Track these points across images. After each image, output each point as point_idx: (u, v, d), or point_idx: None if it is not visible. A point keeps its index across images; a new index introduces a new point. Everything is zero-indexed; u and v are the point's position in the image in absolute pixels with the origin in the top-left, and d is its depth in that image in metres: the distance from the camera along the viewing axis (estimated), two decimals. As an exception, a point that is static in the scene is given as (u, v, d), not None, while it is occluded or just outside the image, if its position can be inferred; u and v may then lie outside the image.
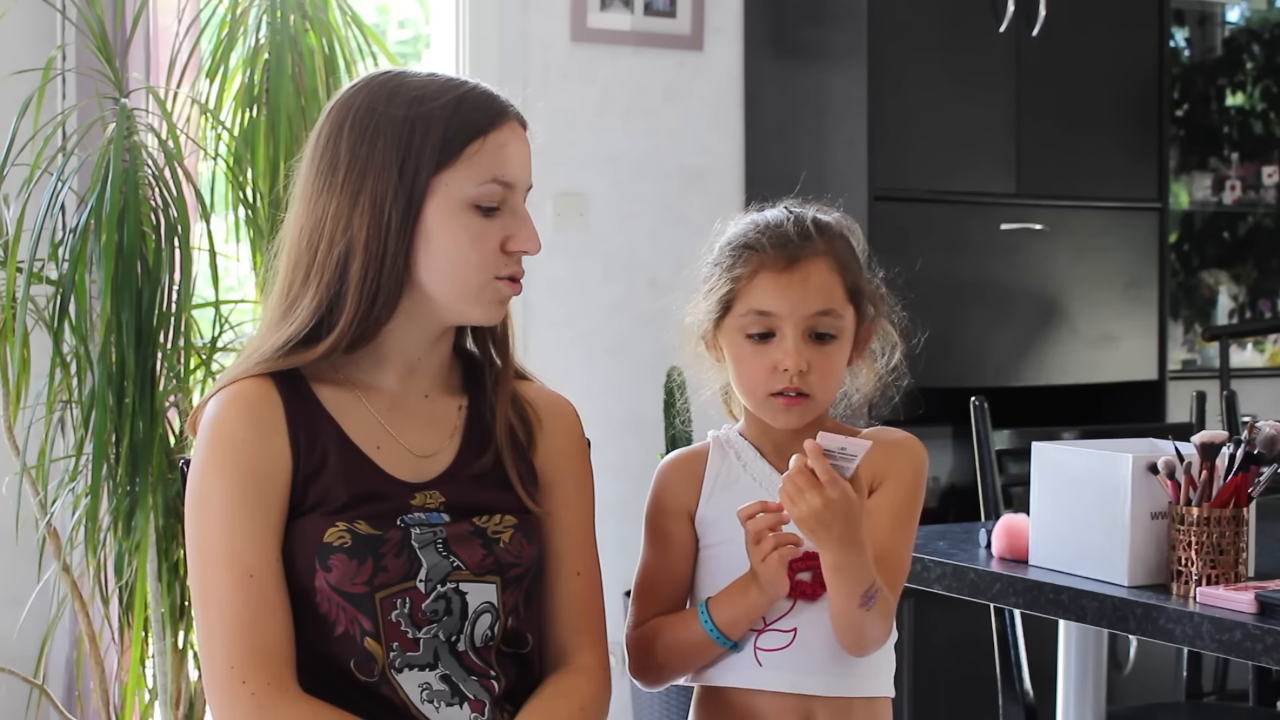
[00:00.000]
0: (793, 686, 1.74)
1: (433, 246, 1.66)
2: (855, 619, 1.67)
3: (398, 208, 1.65)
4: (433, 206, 1.66)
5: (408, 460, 1.71)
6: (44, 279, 2.86)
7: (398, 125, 1.66)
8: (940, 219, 3.93)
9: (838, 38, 3.94)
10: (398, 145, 1.65)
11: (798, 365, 1.74)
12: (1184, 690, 3.17)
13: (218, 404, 1.68)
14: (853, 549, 1.63)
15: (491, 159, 1.67)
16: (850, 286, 1.78)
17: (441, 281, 1.67)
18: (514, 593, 1.70)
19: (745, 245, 1.81)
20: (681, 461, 1.86)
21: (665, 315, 3.94)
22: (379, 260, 1.65)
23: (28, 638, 3.19)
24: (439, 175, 1.66)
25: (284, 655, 1.62)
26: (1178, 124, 5.21)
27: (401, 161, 1.65)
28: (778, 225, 1.80)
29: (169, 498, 2.85)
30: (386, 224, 1.65)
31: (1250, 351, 5.21)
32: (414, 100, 1.67)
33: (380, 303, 1.66)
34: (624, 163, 4.15)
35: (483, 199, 1.67)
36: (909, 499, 1.77)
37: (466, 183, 1.66)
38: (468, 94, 1.69)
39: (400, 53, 4.29)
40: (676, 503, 1.84)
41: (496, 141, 1.68)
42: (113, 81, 2.98)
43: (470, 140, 1.66)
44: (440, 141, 1.65)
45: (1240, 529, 2.01)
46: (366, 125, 1.67)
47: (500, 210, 1.68)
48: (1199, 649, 1.94)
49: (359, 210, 1.65)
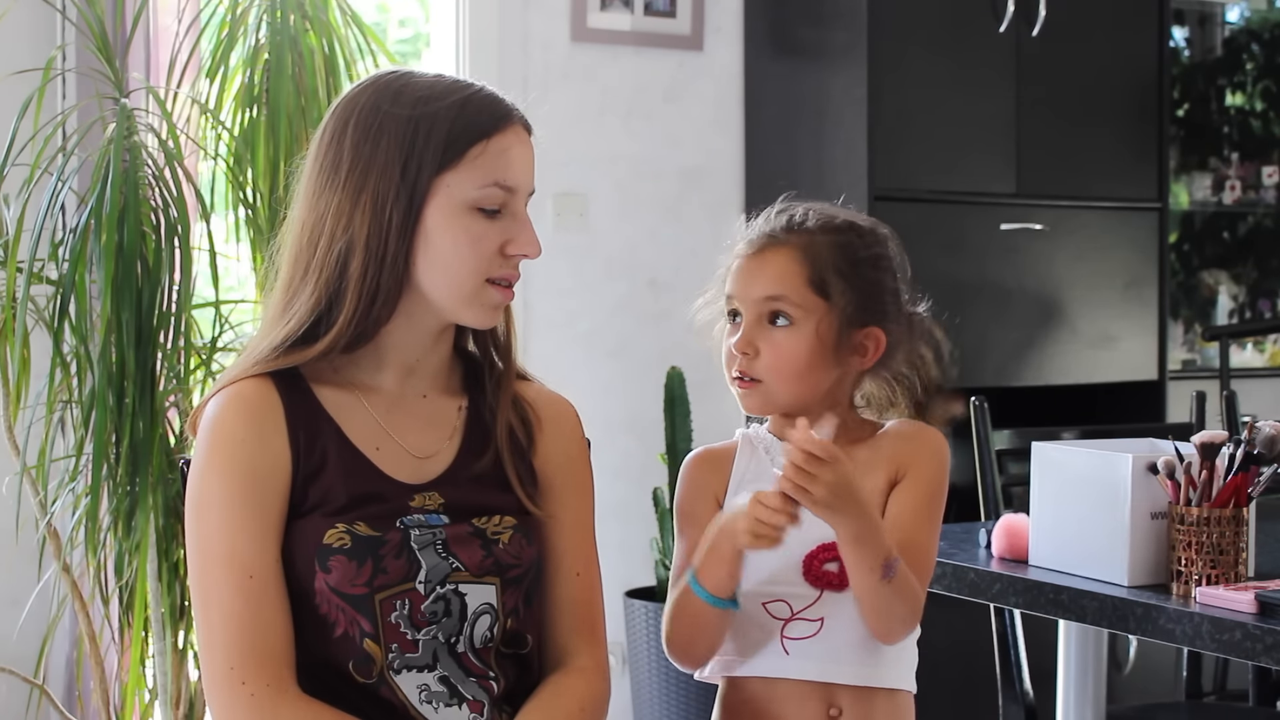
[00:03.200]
0: (819, 675, 1.75)
1: (432, 247, 1.66)
2: (881, 595, 1.68)
3: (399, 207, 1.65)
4: (434, 207, 1.66)
5: (407, 461, 1.71)
6: (44, 279, 2.86)
7: (401, 125, 1.66)
8: (940, 219, 3.94)
9: (838, 38, 3.93)
10: (401, 145, 1.65)
11: (741, 347, 1.78)
12: (1184, 690, 3.17)
13: (218, 404, 1.68)
14: (866, 515, 1.65)
15: (494, 162, 1.67)
16: (815, 278, 1.78)
17: (438, 282, 1.67)
18: (513, 594, 1.70)
19: (739, 238, 1.86)
20: (709, 456, 1.88)
21: (666, 315, 3.97)
22: (379, 259, 1.65)
23: (28, 638, 3.19)
24: (441, 176, 1.66)
25: (283, 656, 1.62)
26: (1178, 124, 5.21)
27: (404, 161, 1.65)
28: (765, 218, 1.85)
29: (169, 498, 2.85)
30: (387, 223, 1.65)
31: (1250, 351, 5.21)
32: (419, 100, 1.67)
33: (380, 302, 1.66)
34: (624, 163, 4.15)
35: (484, 201, 1.67)
36: (932, 490, 1.78)
37: (468, 185, 1.66)
38: (473, 96, 1.69)
39: (400, 52, 4.29)
40: (705, 494, 1.84)
41: (500, 145, 1.68)
42: (113, 81, 2.98)
43: (474, 142, 1.66)
44: (444, 142, 1.66)
45: (1240, 529, 2.01)
46: (371, 124, 1.67)
47: (501, 214, 1.68)
48: (1199, 649, 1.94)
49: (360, 208, 1.65)
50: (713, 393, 4.17)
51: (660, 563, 3.90)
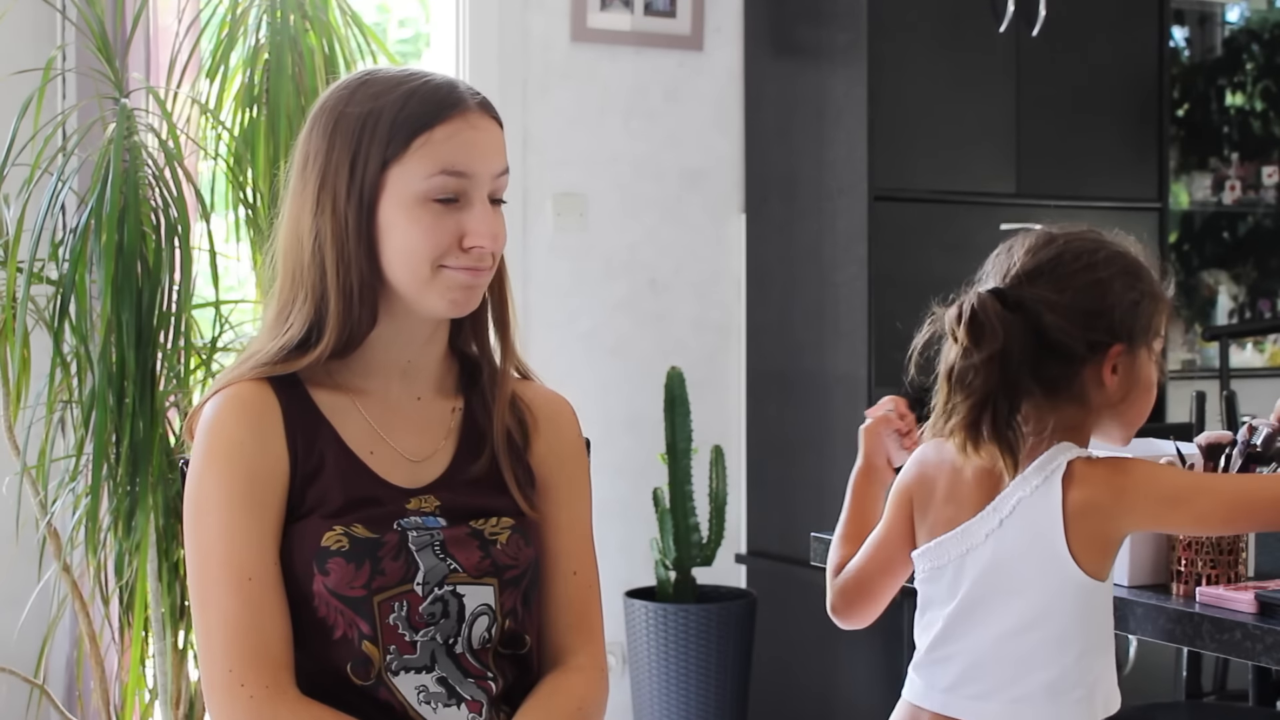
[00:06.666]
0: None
1: (391, 242, 1.66)
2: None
3: (352, 206, 1.65)
4: (386, 202, 1.66)
5: (401, 464, 1.71)
6: (44, 279, 2.86)
7: (352, 123, 1.66)
8: (940, 219, 3.93)
9: (838, 38, 3.93)
10: (350, 143, 1.66)
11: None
12: (1184, 690, 3.17)
13: (215, 406, 1.68)
14: None
15: (438, 151, 1.65)
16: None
17: (400, 276, 1.67)
18: (511, 594, 1.69)
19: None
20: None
21: (666, 315, 3.97)
22: (344, 260, 1.65)
23: (28, 638, 3.19)
24: (388, 170, 1.65)
25: (282, 658, 1.62)
26: (1178, 124, 5.21)
27: (353, 159, 1.65)
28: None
29: (169, 497, 2.85)
30: (345, 222, 1.65)
31: (1250, 351, 5.21)
32: (370, 97, 1.67)
33: (358, 303, 1.66)
34: (624, 163, 4.15)
35: (434, 192, 1.65)
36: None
37: (415, 176, 1.65)
38: (420, 87, 1.67)
39: (400, 52, 4.29)
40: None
41: (445, 133, 1.65)
42: (113, 81, 2.98)
43: (417, 133, 1.65)
44: (387, 136, 1.65)
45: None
46: (328, 126, 1.68)
47: (460, 203, 1.66)
48: (1199, 649, 1.93)
49: (322, 210, 1.66)
50: (713, 393, 4.18)
51: (660, 563, 3.90)
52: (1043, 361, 1.75)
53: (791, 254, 4.08)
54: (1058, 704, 1.76)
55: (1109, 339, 1.76)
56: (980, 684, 1.78)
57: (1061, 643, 1.75)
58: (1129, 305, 1.77)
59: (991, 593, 1.77)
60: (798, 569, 3.99)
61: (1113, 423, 1.81)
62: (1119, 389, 1.77)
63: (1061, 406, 1.77)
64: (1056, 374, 1.76)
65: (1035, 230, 1.85)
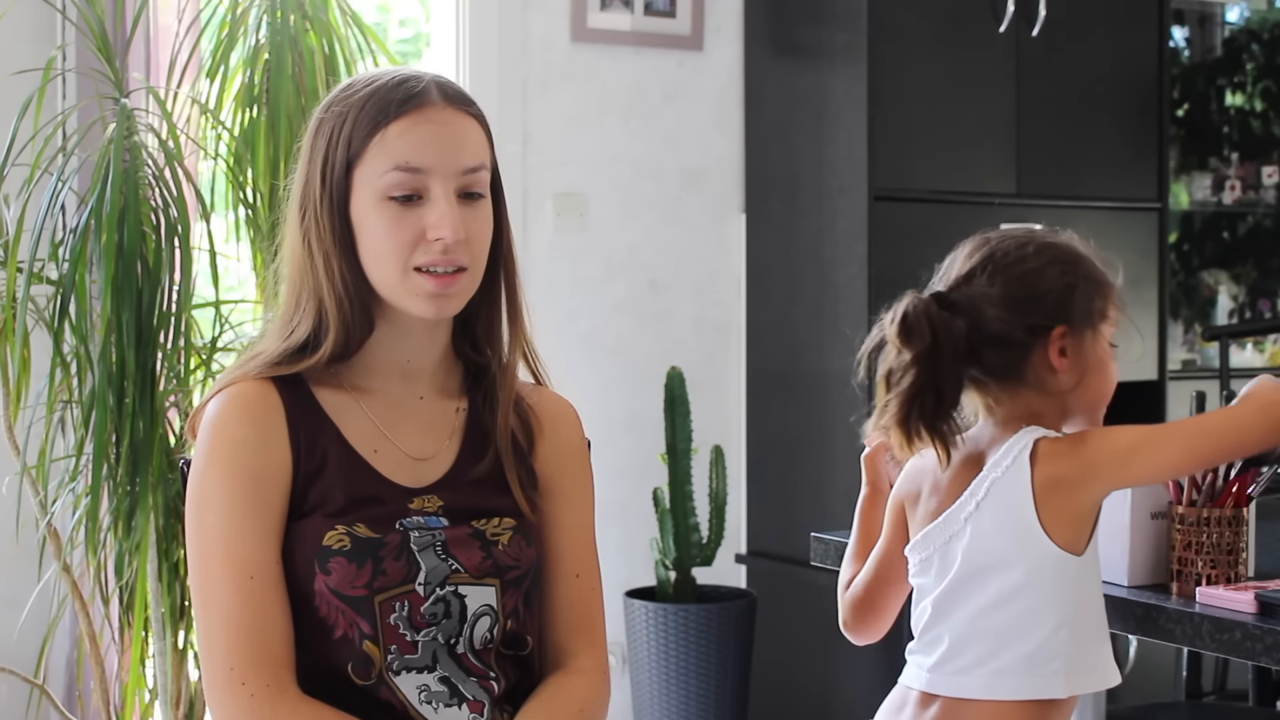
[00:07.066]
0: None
1: (365, 244, 1.67)
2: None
3: (326, 210, 1.67)
4: (355, 204, 1.67)
5: (405, 464, 1.71)
6: (44, 279, 2.86)
7: (326, 127, 1.69)
8: (940, 219, 3.93)
9: (838, 38, 3.93)
10: (323, 147, 1.68)
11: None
12: (1184, 690, 3.17)
13: (218, 405, 1.68)
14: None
15: (392, 147, 1.65)
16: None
17: (377, 278, 1.68)
18: (513, 595, 1.70)
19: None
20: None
21: (666, 315, 3.97)
22: (330, 264, 1.67)
23: (28, 638, 3.19)
24: (353, 172, 1.66)
25: (283, 657, 1.62)
26: (1178, 124, 5.21)
27: (323, 164, 1.67)
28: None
29: (169, 498, 2.85)
30: (324, 227, 1.67)
31: (1250, 351, 5.21)
32: (343, 99, 1.69)
33: (351, 307, 1.67)
34: (624, 163, 4.15)
35: (392, 189, 1.65)
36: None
37: (373, 175, 1.66)
38: (381, 86, 1.68)
39: (400, 52, 4.29)
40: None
41: (399, 129, 1.65)
42: (113, 81, 2.98)
43: (373, 132, 1.66)
44: (348, 138, 1.66)
45: (1240, 529, 2.01)
46: (313, 130, 1.71)
47: (421, 199, 1.66)
48: (1199, 649, 1.93)
49: (305, 216, 1.68)
50: (713, 393, 4.18)
51: (660, 563, 3.90)
52: (985, 353, 1.83)
53: (791, 254, 4.08)
54: (1035, 675, 1.80)
55: (1047, 322, 1.84)
56: (962, 659, 1.83)
57: (1037, 615, 1.80)
58: (1064, 289, 1.86)
59: (973, 572, 1.82)
60: (798, 569, 3.99)
61: (1076, 405, 1.88)
62: (1072, 372, 1.85)
63: (1022, 393, 1.85)
64: (1003, 362, 1.84)
65: (974, 237, 1.95)
